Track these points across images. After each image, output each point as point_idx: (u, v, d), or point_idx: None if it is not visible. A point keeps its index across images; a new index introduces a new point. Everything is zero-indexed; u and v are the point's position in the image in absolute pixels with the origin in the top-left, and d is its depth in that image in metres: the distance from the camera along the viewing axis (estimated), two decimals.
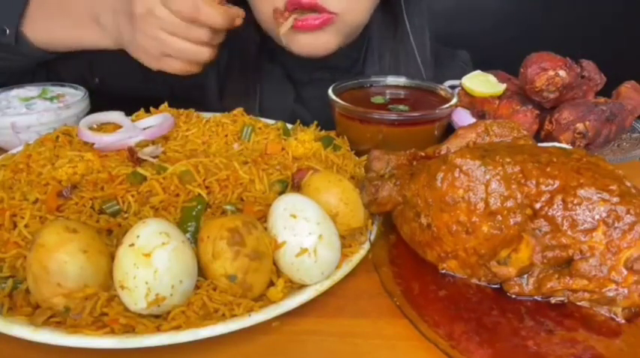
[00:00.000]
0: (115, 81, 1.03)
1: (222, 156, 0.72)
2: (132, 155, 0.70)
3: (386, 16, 1.05)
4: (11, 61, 0.94)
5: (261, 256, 0.54)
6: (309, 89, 1.06)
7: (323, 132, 0.84)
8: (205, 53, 0.79)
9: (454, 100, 0.87)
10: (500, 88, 0.92)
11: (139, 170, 0.66)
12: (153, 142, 0.76)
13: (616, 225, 0.54)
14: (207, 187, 0.65)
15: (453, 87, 0.97)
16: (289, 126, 0.85)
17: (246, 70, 1.05)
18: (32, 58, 0.94)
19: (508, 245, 0.56)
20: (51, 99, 0.92)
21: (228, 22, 0.77)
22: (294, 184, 0.69)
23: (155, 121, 0.82)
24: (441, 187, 0.58)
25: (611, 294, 0.54)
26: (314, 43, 0.89)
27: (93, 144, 0.74)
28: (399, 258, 0.62)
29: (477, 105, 0.93)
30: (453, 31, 1.29)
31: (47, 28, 0.89)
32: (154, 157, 0.71)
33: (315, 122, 0.87)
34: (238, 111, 0.86)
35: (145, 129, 0.79)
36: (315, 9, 0.84)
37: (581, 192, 0.55)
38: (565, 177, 0.56)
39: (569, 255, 0.55)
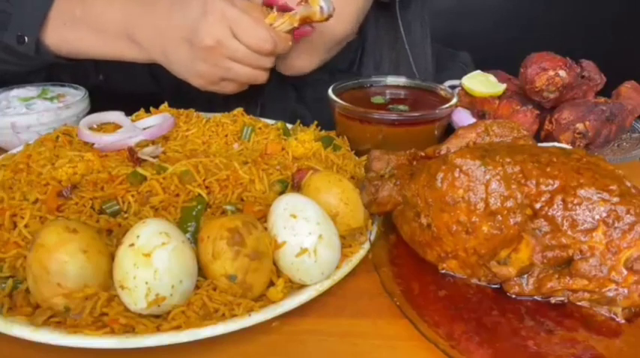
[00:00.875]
0: (120, 78, 1.03)
1: (222, 156, 0.72)
2: (132, 155, 0.70)
3: (383, 19, 1.04)
4: (21, 66, 0.92)
5: (261, 256, 0.54)
6: (309, 90, 1.06)
7: (323, 132, 0.84)
8: (265, 76, 0.82)
9: (454, 100, 0.87)
10: (500, 87, 0.92)
11: (139, 170, 0.66)
12: (153, 142, 0.76)
13: (616, 225, 0.54)
14: (207, 187, 0.65)
15: (453, 87, 0.98)
16: (289, 126, 0.85)
17: None
18: (45, 63, 0.92)
19: (508, 245, 0.56)
20: (51, 99, 0.92)
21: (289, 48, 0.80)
22: (294, 184, 0.69)
23: (155, 121, 0.82)
24: (441, 187, 0.58)
25: (611, 294, 0.54)
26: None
27: (93, 144, 0.74)
28: (399, 258, 0.62)
29: (477, 105, 0.93)
30: (453, 31, 1.29)
31: (70, 38, 0.87)
32: (154, 157, 0.71)
33: (315, 122, 0.87)
34: (238, 111, 0.86)
35: (144, 129, 0.79)
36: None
37: (581, 192, 0.55)
38: (565, 177, 0.56)
39: (569, 255, 0.55)
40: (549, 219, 0.56)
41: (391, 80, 0.95)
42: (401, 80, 0.95)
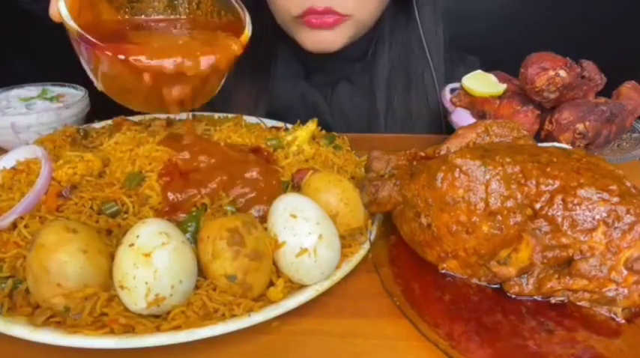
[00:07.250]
0: None
1: None
2: None
3: (398, 9, 1.07)
4: None
5: (261, 256, 0.54)
6: (321, 75, 1.09)
7: (323, 132, 0.84)
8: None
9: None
10: (500, 88, 0.92)
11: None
12: None
13: (616, 225, 0.54)
14: None
15: (453, 90, 0.98)
16: (289, 126, 0.85)
17: (260, 49, 1.08)
18: None
19: (508, 245, 0.56)
20: (51, 99, 0.92)
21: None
22: (294, 184, 0.69)
23: None
24: (441, 187, 0.58)
25: (611, 294, 0.54)
26: (325, 40, 0.94)
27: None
28: (399, 258, 0.62)
29: (477, 105, 0.93)
30: (454, 32, 1.29)
31: None
32: None
33: (316, 121, 0.86)
34: (237, 117, 0.86)
35: None
36: (329, 13, 0.90)
37: (581, 192, 0.55)
38: (565, 177, 0.56)
39: (569, 255, 0.55)
40: (549, 219, 0.56)
41: None
42: None
